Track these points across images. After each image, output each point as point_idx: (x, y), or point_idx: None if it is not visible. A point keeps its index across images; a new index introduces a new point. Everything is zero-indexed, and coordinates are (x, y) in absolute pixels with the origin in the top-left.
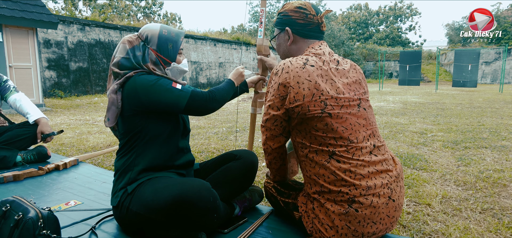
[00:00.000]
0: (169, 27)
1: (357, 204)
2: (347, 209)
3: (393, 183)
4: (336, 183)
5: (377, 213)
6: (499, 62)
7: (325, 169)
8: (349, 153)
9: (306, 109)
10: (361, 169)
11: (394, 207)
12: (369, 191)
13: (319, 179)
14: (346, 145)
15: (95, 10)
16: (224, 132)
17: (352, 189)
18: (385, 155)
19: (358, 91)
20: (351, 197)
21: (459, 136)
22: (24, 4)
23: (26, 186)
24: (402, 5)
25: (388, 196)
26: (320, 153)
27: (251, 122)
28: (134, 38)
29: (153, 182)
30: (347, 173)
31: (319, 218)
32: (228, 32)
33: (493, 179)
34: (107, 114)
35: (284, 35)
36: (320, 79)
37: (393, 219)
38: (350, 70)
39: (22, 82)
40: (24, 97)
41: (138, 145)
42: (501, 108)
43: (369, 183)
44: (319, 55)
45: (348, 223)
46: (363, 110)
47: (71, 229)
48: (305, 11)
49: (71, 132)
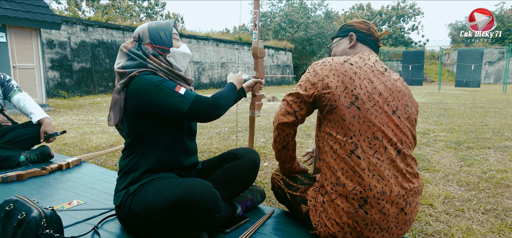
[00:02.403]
0: (157, 21)
1: (368, 206)
2: (357, 209)
3: (410, 197)
4: (353, 178)
5: (386, 221)
6: (502, 62)
7: (345, 163)
8: (372, 149)
9: (337, 98)
10: (381, 170)
11: (405, 220)
12: (383, 196)
13: (337, 171)
14: (370, 140)
15: (98, 11)
16: (226, 132)
17: (367, 189)
18: (410, 166)
19: (399, 100)
20: (364, 197)
21: (462, 136)
22: (27, 4)
23: (30, 185)
24: (404, 5)
25: (401, 207)
26: (344, 146)
27: (250, 125)
28: (128, 43)
29: (154, 183)
30: (365, 171)
31: (327, 212)
32: (230, 32)
33: (496, 179)
34: (110, 112)
35: (347, 39)
36: (356, 76)
37: (401, 232)
38: (398, 80)
39: (25, 82)
40: (27, 97)
41: (142, 146)
42: (505, 108)
43: (385, 188)
44: (363, 59)
45: (355, 224)
46: (397, 118)
47: (73, 229)
48: (368, 25)
49: (74, 132)
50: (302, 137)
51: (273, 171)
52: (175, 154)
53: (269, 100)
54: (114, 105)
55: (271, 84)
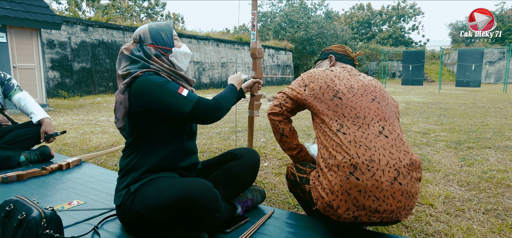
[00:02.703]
0: (155, 22)
1: (358, 172)
2: (348, 176)
3: (403, 168)
4: (342, 151)
5: (380, 189)
6: (503, 62)
7: (333, 141)
8: (356, 125)
9: (321, 95)
10: (367, 142)
11: (402, 192)
12: (372, 164)
13: (328, 148)
14: (353, 119)
15: (98, 11)
16: (226, 132)
17: (355, 157)
18: (397, 141)
19: (376, 92)
20: (354, 164)
21: (462, 136)
22: (28, 5)
23: (30, 186)
24: (405, 5)
25: (394, 176)
26: (331, 128)
27: (249, 125)
28: (129, 45)
29: (155, 182)
30: (352, 143)
31: (322, 184)
32: (230, 32)
33: (496, 179)
34: (116, 114)
35: (327, 60)
36: (335, 78)
37: (400, 205)
38: (372, 79)
39: (26, 82)
40: (28, 96)
41: (143, 146)
42: (505, 108)
43: (373, 157)
44: (342, 67)
45: (348, 190)
46: (377, 103)
47: (74, 229)
48: (345, 48)
49: (74, 132)
50: (302, 137)
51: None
52: (176, 154)
53: (270, 100)
54: (119, 105)
55: (271, 84)
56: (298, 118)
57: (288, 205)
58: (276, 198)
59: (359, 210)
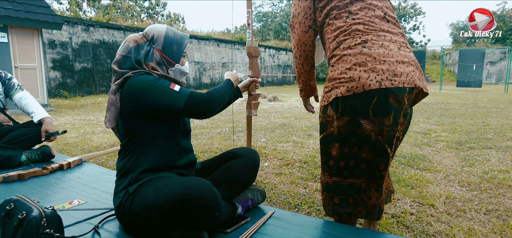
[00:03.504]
0: (174, 29)
1: (369, 43)
2: (361, 49)
3: (403, 43)
4: (351, 33)
5: (390, 54)
6: (504, 62)
7: (344, 29)
8: (362, 11)
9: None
10: (373, 24)
11: (408, 58)
12: (379, 37)
13: (339, 36)
14: (361, 5)
15: (99, 11)
16: (227, 132)
17: (364, 34)
18: (398, 31)
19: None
20: (364, 39)
21: (463, 136)
22: (29, 5)
23: (31, 185)
24: (406, 5)
25: (399, 44)
26: (339, 17)
27: (248, 125)
28: (139, 37)
29: (154, 182)
30: (360, 25)
31: (339, 68)
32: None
33: (498, 180)
34: (107, 114)
35: None
36: None
37: (411, 69)
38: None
39: (27, 82)
40: (29, 95)
41: (138, 146)
42: (506, 108)
43: (379, 33)
44: None
45: (365, 61)
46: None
47: (74, 228)
48: None
49: (75, 132)
50: (302, 137)
51: None
52: (172, 152)
53: (270, 100)
54: (111, 106)
55: (272, 84)
56: (298, 118)
57: (289, 205)
58: (276, 198)
59: (379, 74)
